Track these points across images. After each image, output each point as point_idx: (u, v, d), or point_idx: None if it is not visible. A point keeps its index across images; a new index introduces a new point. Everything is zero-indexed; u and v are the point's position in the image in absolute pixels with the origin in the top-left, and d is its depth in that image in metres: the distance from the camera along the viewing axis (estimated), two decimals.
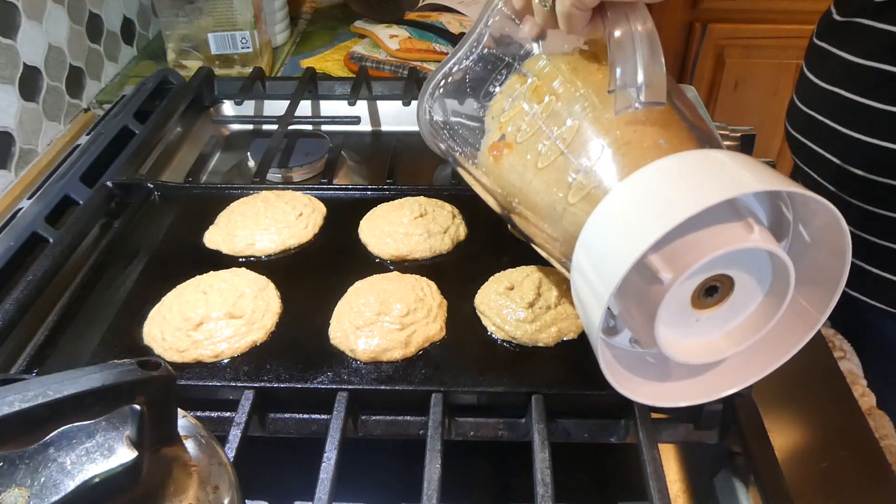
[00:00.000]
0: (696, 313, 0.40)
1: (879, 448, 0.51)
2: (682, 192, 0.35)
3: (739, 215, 0.36)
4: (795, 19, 1.56)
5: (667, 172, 0.36)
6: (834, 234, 0.37)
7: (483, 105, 0.51)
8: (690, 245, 0.35)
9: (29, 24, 0.81)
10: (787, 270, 0.37)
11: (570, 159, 0.41)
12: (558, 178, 0.42)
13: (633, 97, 0.39)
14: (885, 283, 0.70)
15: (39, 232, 0.65)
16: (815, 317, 0.40)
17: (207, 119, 0.91)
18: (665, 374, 0.43)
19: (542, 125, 0.44)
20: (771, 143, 1.70)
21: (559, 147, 0.42)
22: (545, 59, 0.47)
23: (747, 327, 0.41)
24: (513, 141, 0.46)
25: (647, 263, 0.36)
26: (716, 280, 0.38)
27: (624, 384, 0.40)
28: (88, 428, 0.29)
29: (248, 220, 0.64)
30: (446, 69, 0.54)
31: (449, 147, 0.55)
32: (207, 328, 0.52)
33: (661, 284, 0.35)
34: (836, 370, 0.57)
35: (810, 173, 0.75)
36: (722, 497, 0.50)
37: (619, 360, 0.42)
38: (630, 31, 0.39)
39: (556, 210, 0.42)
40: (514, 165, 0.46)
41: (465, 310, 0.55)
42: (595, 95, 0.42)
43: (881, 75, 0.64)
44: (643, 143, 0.39)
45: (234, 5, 0.97)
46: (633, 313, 0.39)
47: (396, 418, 0.49)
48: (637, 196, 0.36)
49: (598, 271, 0.36)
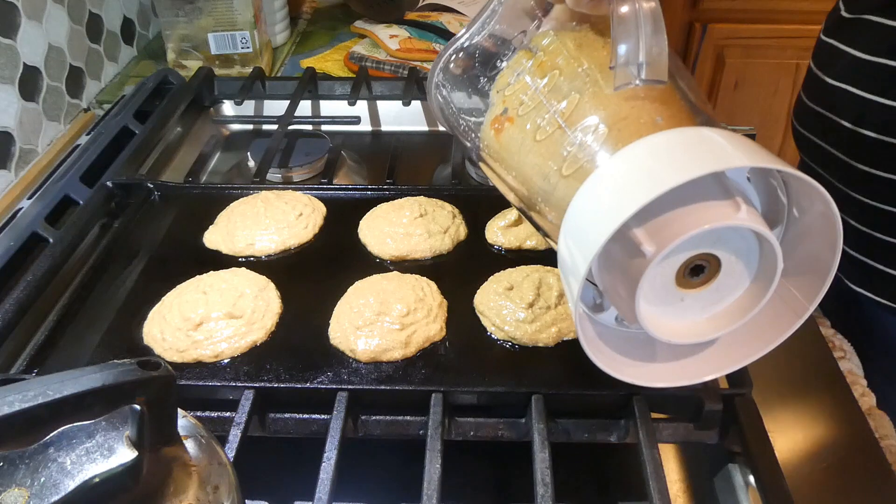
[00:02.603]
0: (682, 293, 0.39)
1: (879, 448, 0.51)
2: (667, 165, 0.35)
3: (728, 194, 0.36)
4: (795, 19, 1.56)
5: (656, 147, 0.36)
6: (826, 222, 0.37)
7: (491, 79, 0.50)
8: (675, 219, 0.35)
9: (29, 24, 0.81)
10: (775, 253, 0.37)
11: (566, 133, 0.41)
12: (554, 150, 0.42)
13: (634, 74, 0.39)
14: (890, 280, 0.70)
15: (39, 232, 0.65)
16: (804, 305, 0.40)
17: (207, 119, 0.91)
18: (650, 355, 0.43)
19: (543, 99, 0.44)
20: (771, 143, 1.70)
21: (557, 121, 0.42)
22: (552, 34, 0.47)
23: (733, 311, 0.40)
24: (514, 115, 0.46)
25: (630, 236, 0.36)
26: (702, 259, 0.38)
27: (606, 361, 0.40)
28: (88, 428, 0.29)
29: (248, 220, 0.64)
30: (458, 45, 0.53)
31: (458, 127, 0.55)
32: (207, 328, 0.52)
33: (644, 257, 0.35)
34: (836, 370, 0.57)
35: (817, 170, 0.75)
36: (722, 497, 0.50)
37: (604, 338, 0.42)
38: (634, 9, 0.39)
39: (549, 182, 0.42)
40: (514, 138, 0.46)
41: (465, 310, 0.55)
42: (598, 72, 0.42)
43: (890, 72, 0.64)
44: (640, 119, 0.39)
45: (234, 5, 0.97)
46: (617, 288, 0.39)
47: (396, 418, 0.49)
48: (624, 169, 0.37)
49: (579, 242, 0.37)
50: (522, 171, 0.45)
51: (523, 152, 0.45)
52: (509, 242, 0.62)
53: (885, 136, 0.65)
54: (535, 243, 0.62)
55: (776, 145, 1.71)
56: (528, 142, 0.44)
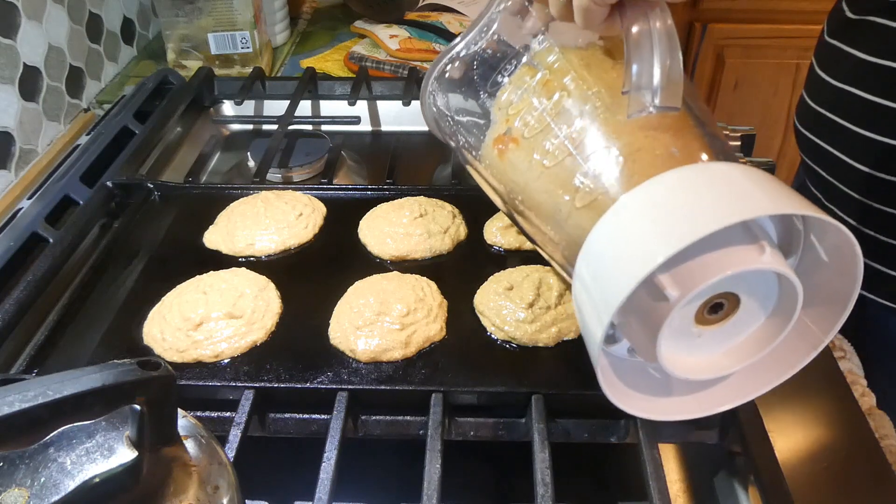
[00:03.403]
0: (699, 329, 0.39)
1: (879, 448, 0.50)
2: (693, 211, 0.33)
3: (751, 234, 0.35)
4: (795, 19, 1.56)
5: (678, 187, 0.35)
6: (845, 256, 0.36)
7: (490, 94, 0.49)
8: (700, 264, 0.34)
9: (29, 24, 0.81)
10: (796, 293, 0.36)
11: (578, 161, 0.40)
12: (565, 179, 0.41)
13: (648, 101, 0.37)
14: (890, 281, 0.70)
15: (39, 232, 0.65)
16: (819, 337, 0.39)
17: (207, 119, 0.91)
18: (662, 386, 0.43)
19: (550, 122, 0.43)
20: (771, 143, 1.70)
21: (567, 147, 0.41)
22: (557, 51, 0.45)
23: (749, 345, 0.40)
24: (519, 136, 0.45)
25: (653, 280, 0.35)
26: (721, 297, 0.38)
27: (621, 397, 0.39)
28: (88, 428, 0.29)
29: (248, 220, 0.64)
30: (453, 53, 0.52)
31: (452, 136, 0.53)
32: (207, 328, 0.52)
33: (667, 302, 0.34)
34: (836, 370, 0.56)
35: (818, 170, 0.75)
36: (722, 497, 0.50)
37: (616, 369, 0.42)
38: (648, 30, 0.37)
39: (560, 212, 0.41)
40: (519, 161, 0.45)
41: (465, 310, 0.55)
42: (608, 95, 0.41)
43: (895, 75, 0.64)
44: (655, 151, 0.38)
45: (234, 5, 0.97)
46: (635, 327, 0.38)
47: (396, 418, 0.49)
48: (645, 210, 0.35)
49: (600, 288, 0.35)
50: (530, 196, 0.44)
51: (531, 177, 0.43)
52: (508, 243, 0.62)
53: (889, 138, 0.65)
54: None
55: (776, 145, 1.71)
56: (537, 167, 0.43)
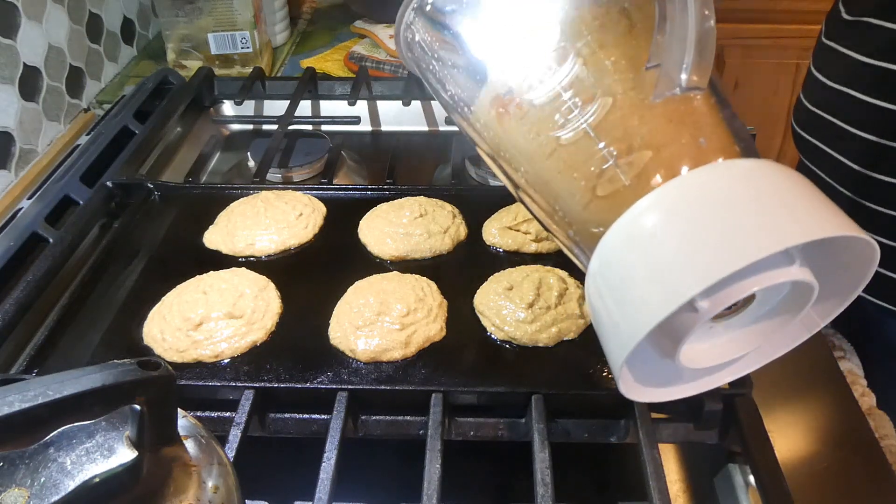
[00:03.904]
0: (711, 322, 0.39)
1: (879, 448, 0.51)
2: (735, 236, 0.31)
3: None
4: (795, 19, 1.56)
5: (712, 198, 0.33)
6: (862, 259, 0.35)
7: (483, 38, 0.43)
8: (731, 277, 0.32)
9: (29, 24, 0.81)
10: (811, 294, 0.36)
11: (596, 144, 0.37)
12: (582, 161, 0.37)
13: (675, 80, 0.34)
14: (889, 282, 0.70)
15: (39, 232, 0.65)
16: (816, 321, 0.39)
17: (207, 119, 0.91)
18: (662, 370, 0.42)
19: (561, 92, 0.39)
20: (771, 143, 1.70)
21: (583, 126, 0.37)
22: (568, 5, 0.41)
23: (755, 333, 0.40)
24: (522, 99, 0.40)
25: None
26: None
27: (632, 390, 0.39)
28: (88, 428, 0.29)
29: (248, 220, 0.64)
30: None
31: (433, 82, 0.47)
32: (207, 328, 0.52)
33: (696, 313, 0.33)
34: (836, 370, 0.57)
35: (815, 171, 0.75)
36: (722, 497, 0.50)
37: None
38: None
39: (575, 198, 0.38)
40: (525, 131, 0.40)
41: (465, 310, 0.55)
42: (629, 70, 0.37)
43: (891, 75, 0.64)
44: (681, 140, 0.35)
45: (234, 5, 0.97)
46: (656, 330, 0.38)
47: (396, 418, 0.49)
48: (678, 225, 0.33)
49: (623, 309, 0.34)
50: (537, 173, 0.41)
51: (539, 152, 0.40)
52: (506, 245, 0.62)
53: (886, 139, 0.65)
54: (536, 248, 0.61)
55: (776, 145, 1.71)
56: (548, 143, 0.39)
